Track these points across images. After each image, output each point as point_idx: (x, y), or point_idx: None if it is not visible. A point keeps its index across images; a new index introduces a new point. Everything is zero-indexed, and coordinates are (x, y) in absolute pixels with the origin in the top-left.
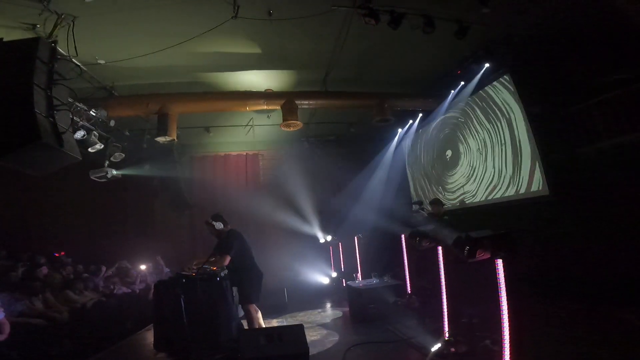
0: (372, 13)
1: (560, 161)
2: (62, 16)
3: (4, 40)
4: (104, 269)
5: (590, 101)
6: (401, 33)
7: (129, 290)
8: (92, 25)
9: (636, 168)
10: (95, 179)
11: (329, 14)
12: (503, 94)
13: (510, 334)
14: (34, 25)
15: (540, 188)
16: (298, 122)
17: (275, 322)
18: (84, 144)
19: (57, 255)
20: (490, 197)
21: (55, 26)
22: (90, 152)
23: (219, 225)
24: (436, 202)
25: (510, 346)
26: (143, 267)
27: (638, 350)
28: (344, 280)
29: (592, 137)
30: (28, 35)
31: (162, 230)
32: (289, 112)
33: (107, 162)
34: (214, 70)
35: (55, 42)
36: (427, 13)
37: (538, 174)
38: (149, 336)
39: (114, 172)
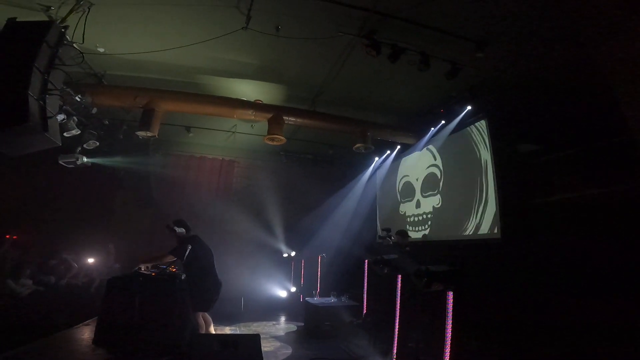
0: (375, 44)
1: (515, 208)
2: (80, 2)
3: (18, 20)
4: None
5: (551, 155)
6: (395, 67)
7: (69, 283)
8: (103, 14)
9: (580, 224)
10: (63, 164)
11: (333, 39)
12: (478, 137)
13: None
14: (48, 7)
15: (495, 231)
16: (283, 138)
17: (228, 330)
18: (61, 127)
19: (7, 237)
20: (451, 234)
21: (71, 11)
22: (65, 136)
23: (180, 231)
24: (402, 233)
25: None
26: (91, 260)
27: None
28: (301, 295)
29: (547, 190)
30: (38, 16)
31: (119, 224)
32: (275, 126)
33: (79, 149)
34: (208, 73)
35: (66, 27)
36: (426, 51)
37: (496, 218)
38: (87, 331)
39: (85, 159)
